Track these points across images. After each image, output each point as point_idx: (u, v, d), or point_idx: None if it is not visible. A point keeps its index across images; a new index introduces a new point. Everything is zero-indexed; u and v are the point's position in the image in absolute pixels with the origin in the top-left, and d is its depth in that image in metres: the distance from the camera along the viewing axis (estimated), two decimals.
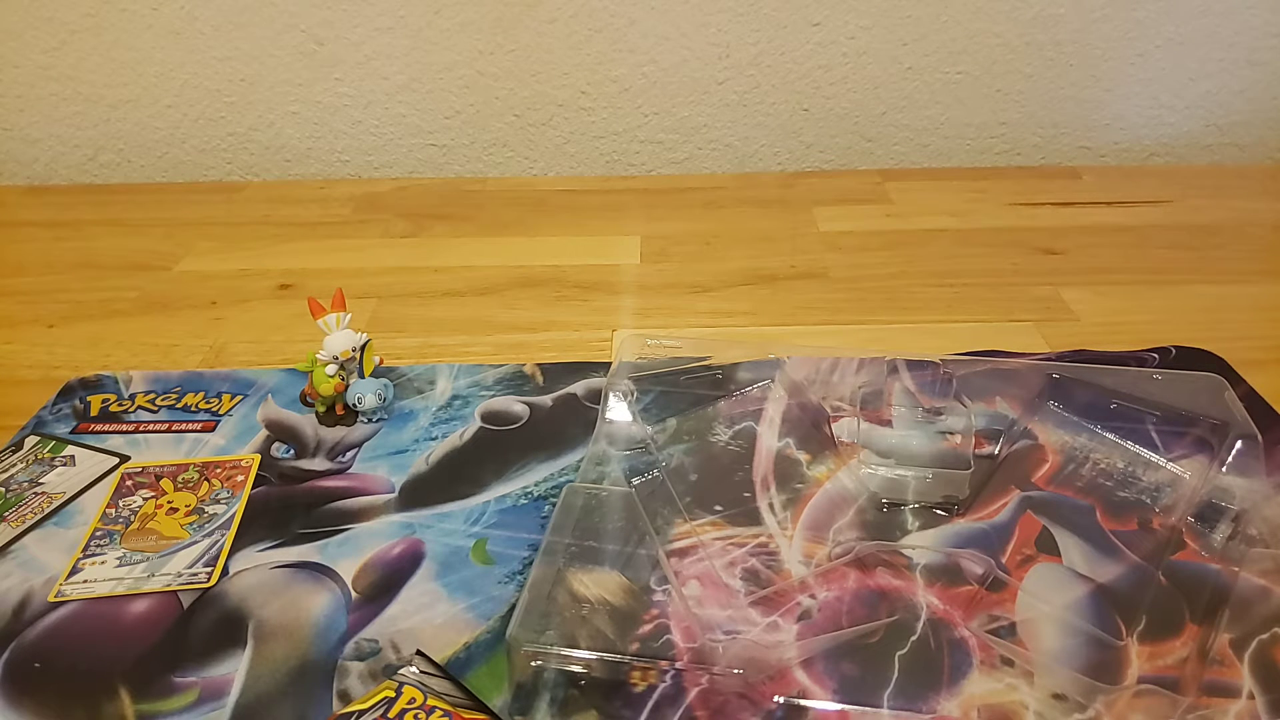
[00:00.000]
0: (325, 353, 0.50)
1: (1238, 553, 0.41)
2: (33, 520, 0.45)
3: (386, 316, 0.62)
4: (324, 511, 0.45)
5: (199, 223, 0.76)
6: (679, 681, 0.35)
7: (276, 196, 0.81)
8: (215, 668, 0.37)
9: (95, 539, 0.43)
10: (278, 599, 0.40)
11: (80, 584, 0.41)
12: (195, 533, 0.44)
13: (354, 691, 0.36)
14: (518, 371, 0.55)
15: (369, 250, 0.71)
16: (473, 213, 0.78)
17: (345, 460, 0.48)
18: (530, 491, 0.46)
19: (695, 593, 0.39)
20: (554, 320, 0.61)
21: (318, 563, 0.42)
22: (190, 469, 0.48)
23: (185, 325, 0.61)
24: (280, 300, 0.64)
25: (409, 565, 0.41)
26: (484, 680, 0.36)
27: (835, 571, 0.40)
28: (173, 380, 0.55)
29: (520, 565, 0.41)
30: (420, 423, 0.51)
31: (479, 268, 0.68)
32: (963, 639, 0.37)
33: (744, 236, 0.72)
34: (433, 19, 0.80)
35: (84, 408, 0.52)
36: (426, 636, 0.38)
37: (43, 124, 0.84)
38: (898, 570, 0.40)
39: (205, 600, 0.40)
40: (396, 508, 0.45)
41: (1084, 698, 0.34)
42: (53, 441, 0.50)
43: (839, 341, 0.58)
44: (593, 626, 0.37)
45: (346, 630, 0.38)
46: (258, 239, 0.73)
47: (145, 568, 0.42)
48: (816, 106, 0.84)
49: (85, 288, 0.66)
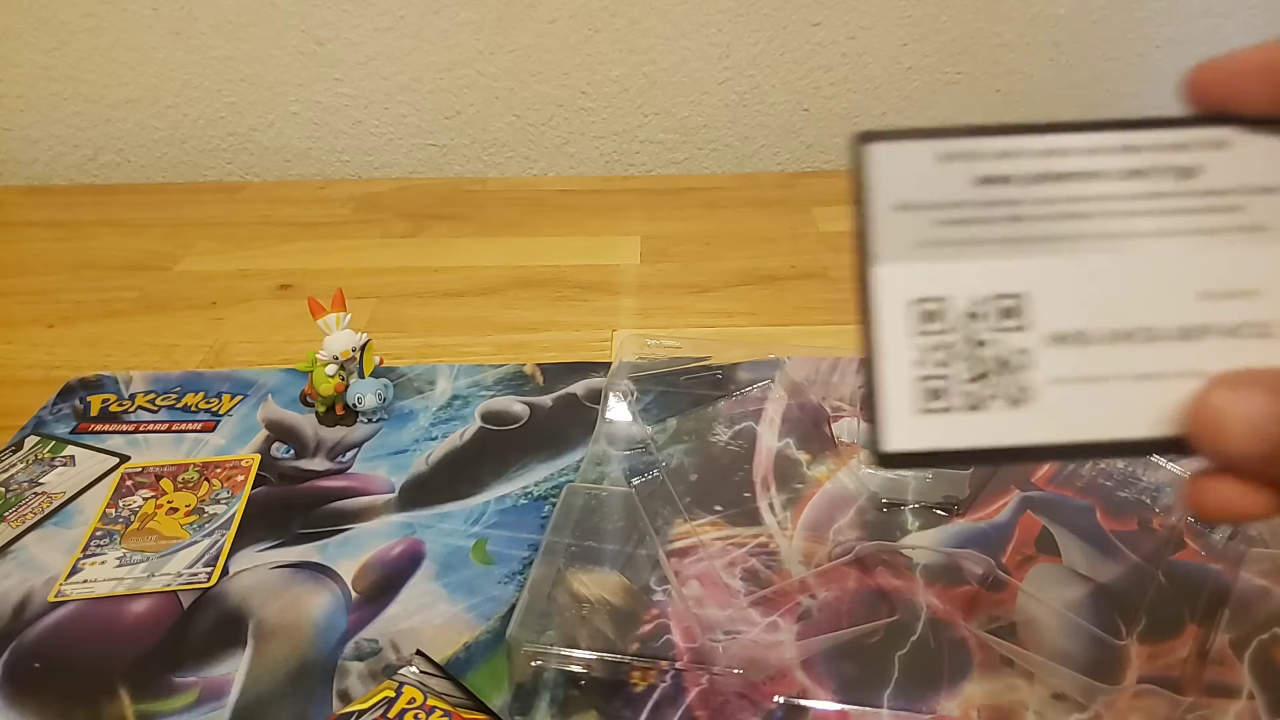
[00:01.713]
0: (325, 353, 0.50)
1: (1238, 552, 0.41)
2: (33, 520, 0.45)
3: (386, 316, 0.62)
4: (324, 511, 0.45)
5: (199, 223, 0.76)
6: (679, 681, 0.35)
7: (277, 197, 0.81)
8: (215, 668, 0.37)
9: (95, 539, 0.43)
10: (278, 599, 0.40)
11: (80, 584, 0.41)
12: (195, 533, 0.44)
13: (354, 691, 0.36)
14: (518, 371, 0.55)
15: (369, 250, 0.71)
16: (473, 213, 0.78)
17: (345, 460, 0.48)
18: (530, 491, 0.46)
19: (695, 593, 0.39)
20: (554, 320, 0.61)
21: (318, 563, 0.42)
22: (190, 469, 0.48)
23: (185, 325, 0.61)
24: (280, 300, 0.64)
25: (409, 565, 0.41)
26: (484, 680, 0.36)
27: (835, 571, 0.40)
28: (173, 380, 0.55)
29: (520, 565, 0.41)
30: (420, 423, 0.51)
31: (479, 268, 0.68)
32: (963, 639, 0.37)
33: (744, 236, 0.72)
34: (433, 19, 0.80)
35: (84, 408, 0.52)
36: (426, 636, 0.38)
37: (43, 124, 0.84)
38: (898, 570, 0.40)
39: (205, 600, 0.40)
40: (396, 508, 0.45)
41: (1084, 698, 0.34)
42: (53, 441, 0.50)
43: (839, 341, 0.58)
44: (593, 626, 0.37)
45: (346, 630, 0.38)
46: (258, 239, 0.73)
47: (145, 568, 0.42)
48: (817, 106, 0.84)
49: (85, 288, 0.66)
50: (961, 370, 0.21)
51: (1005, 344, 0.21)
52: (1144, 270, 0.21)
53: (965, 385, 0.21)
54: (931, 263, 0.21)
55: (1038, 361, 0.21)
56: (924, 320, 0.21)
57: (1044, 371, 0.21)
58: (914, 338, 0.21)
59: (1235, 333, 0.21)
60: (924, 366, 0.21)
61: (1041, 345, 0.21)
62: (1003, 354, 0.21)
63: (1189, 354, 0.21)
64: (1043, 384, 0.21)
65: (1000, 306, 0.21)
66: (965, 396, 0.21)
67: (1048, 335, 0.21)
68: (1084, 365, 0.21)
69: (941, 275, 0.21)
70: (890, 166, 0.22)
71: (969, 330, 0.21)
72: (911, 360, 0.21)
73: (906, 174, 0.22)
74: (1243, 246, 0.21)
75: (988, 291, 0.21)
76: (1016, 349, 0.21)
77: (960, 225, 0.21)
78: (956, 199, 0.21)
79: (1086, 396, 0.21)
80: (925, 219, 0.21)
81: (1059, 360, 0.21)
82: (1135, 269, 0.21)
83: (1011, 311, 0.21)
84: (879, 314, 0.21)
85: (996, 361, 0.21)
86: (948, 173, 0.21)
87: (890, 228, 0.21)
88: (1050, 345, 0.21)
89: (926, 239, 0.21)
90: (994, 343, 0.21)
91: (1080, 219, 0.21)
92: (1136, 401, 0.21)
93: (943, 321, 0.21)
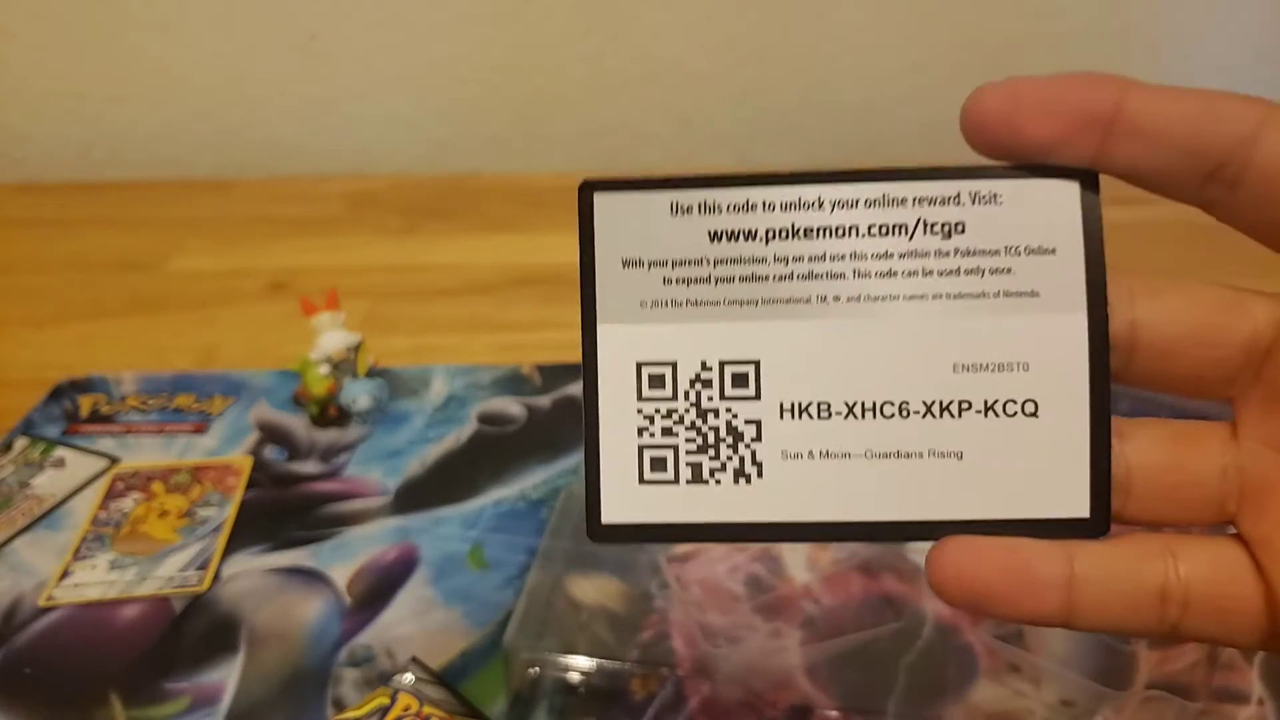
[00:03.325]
0: (318, 353, 0.49)
1: None
2: (23, 523, 0.44)
3: (381, 316, 0.61)
4: (317, 515, 0.44)
5: (190, 221, 0.75)
6: (680, 689, 0.35)
7: (269, 193, 0.81)
8: (207, 674, 0.37)
9: (86, 542, 0.43)
10: (270, 604, 0.39)
11: (71, 588, 0.40)
12: (187, 536, 0.43)
13: (348, 699, 0.35)
14: (515, 372, 0.54)
15: (363, 248, 0.71)
16: (469, 210, 0.77)
17: (339, 463, 0.48)
18: (528, 495, 0.45)
19: (697, 599, 0.39)
20: (552, 320, 0.60)
21: (311, 567, 0.41)
22: (182, 471, 0.47)
23: (176, 326, 0.61)
24: (272, 300, 0.63)
25: (404, 570, 0.41)
26: (480, 688, 0.35)
27: (839, 577, 0.40)
28: (164, 381, 0.54)
29: (518, 570, 0.41)
30: (415, 425, 0.50)
31: (475, 266, 0.67)
32: (969, 645, 0.37)
33: None
34: (427, 13, 0.79)
35: (74, 409, 0.52)
36: (422, 643, 0.37)
37: (33, 121, 0.83)
38: (903, 575, 0.40)
39: (197, 605, 0.39)
40: (391, 511, 0.44)
41: (1092, 704, 0.34)
42: (43, 443, 0.49)
43: None
44: (592, 633, 0.37)
45: (340, 636, 0.38)
46: (250, 237, 0.72)
47: (136, 572, 0.41)
48: (821, 101, 0.83)
49: (75, 287, 0.66)
50: (687, 440, 0.20)
51: (735, 413, 0.20)
52: (895, 338, 0.20)
53: (690, 457, 0.20)
54: (659, 324, 0.20)
55: (769, 434, 0.20)
56: (650, 385, 0.20)
57: (775, 445, 0.20)
58: (638, 403, 0.20)
59: (998, 410, 0.19)
60: (647, 435, 0.20)
61: (774, 416, 0.20)
62: (732, 424, 0.20)
63: (940, 432, 0.20)
64: (772, 458, 0.20)
65: (732, 373, 0.20)
66: (689, 468, 0.20)
67: (781, 406, 0.20)
68: (820, 440, 0.20)
69: (669, 338, 0.20)
70: (617, 218, 0.20)
71: (696, 397, 0.20)
72: (635, 427, 0.20)
73: (634, 227, 0.20)
74: (1009, 314, 0.19)
75: (719, 357, 0.20)
76: (746, 419, 0.20)
77: (692, 285, 0.20)
78: (689, 256, 0.20)
79: (820, 473, 0.20)
80: (654, 277, 0.20)
81: (792, 433, 0.20)
82: (886, 336, 0.20)
83: (743, 379, 0.20)
84: (601, 377, 0.20)
85: (725, 431, 0.20)
86: (681, 227, 0.20)
87: (616, 285, 0.20)
88: (784, 417, 0.20)
89: (655, 298, 0.20)
90: (723, 412, 0.20)
91: (827, 280, 0.20)
92: (875, 482, 0.20)
93: (669, 387, 0.20)
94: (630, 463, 0.20)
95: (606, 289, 0.21)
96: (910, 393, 0.20)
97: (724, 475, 0.20)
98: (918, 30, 0.80)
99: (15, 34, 0.79)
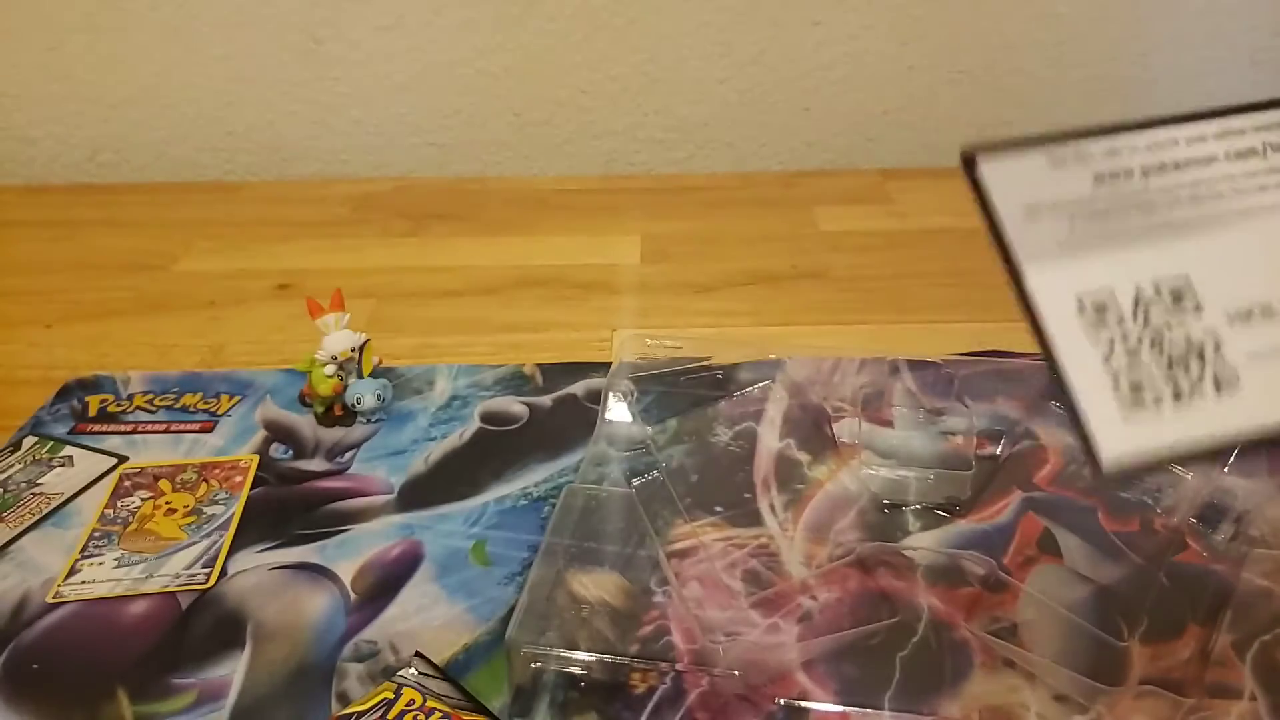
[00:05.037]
0: (324, 353, 0.49)
1: (1240, 554, 0.40)
2: (31, 521, 0.45)
3: (385, 316, 0.62)
4: (322, 512, 0.45)
5: (197, 222, 0.76)
6: (679, 683, 0.35)
7: (275, 196, 0.81)
8: (214, 669, 0.37)
9: (93, 540, 0.43)
10: (276, 600, 0.40)
11: (78, 585, 0.41)
12: (193, 534, 0.43)
13: (353, 693, 0.36)
14: (517, 372, 0.54)
15: (368, 250, 0.71)
16: (472, 212, 0.78)
17: (344, 461, 0.48)
18: (530, 492, 0.46)
19: (696, 594, 0.39)
20: (554, 320, 0.60)
21: (316, 564, 0.42)
22: (188, 470, 0.47)
23: (183, 325, 0.61)
24: (279, 300, 0.64)
25: (408, 566, 0.41)
26: (483, 682, 0.36)
27: (836, 573, 0.40)
28: (171, 381, 0.54)
29: (520, 566, 0.41)
30: (419, 423, 0.50)
31: (478, 267, 0.68)
32: (964, 640, 0.37)
33: (744, 236, 0.72)
34: (432, 18, 0.79)
35: (82, 408, 0.52)
36: (426, 638, 0.38)
37: (40, 123, 0.84)
38: (899, 571, 0.40)
39: (204, 601, 0.40)
40: (395, 509, 0.45)
41: (1086, 699, 0.34)
42: (51, 442, 0.50)
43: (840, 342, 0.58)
44: (593, 628, 0.37)
45: (345, 632, 0.38)
46: (256, 239, 0.73)
47: (143, 569, 0.42)
48: (817, 105, 0.84)
49: (83, 288, 0.66)
50: (1154, 360, 0.20)
51: (1188, 327, 0.20)
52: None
53: (1164, 375, 0.20)
54: (1081, 257, 0.21)
55: (1227, 342, 0.20)
56: (1096, 312, 0.20)
57: (1238, 351, 0.20)
58: (1093, 332, 0.20)
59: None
60: (1115, 362, 0.20)
61: (1224, 325, 0.20)
62: (1191, 336, 0.20)
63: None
64: (1242, 363, 0.20)
65: (1169, 290, 0.21)
66: (1169, 387, 0.20)
67: (1227, 313, 0.20)
68: (1276, 337, 0.20)
69: (1096, 267, 0.21)
70: (1006, 176, 0.21)
71: (1145, 317, 0.20)
72: (1100, 355, 0.20)
73: (1024, 182, 0.21)
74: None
75: (1150, 277, 0.21)
76: (1202, 329, 0.20)
77: (1096, 219, 0.21)
78: (1082, 197, 0.21)
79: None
80: (1060, 220, 0.21)
81: (1248, 337, 0.20)
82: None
83: (1181, 294, 0.20)
84: (1045, 315, 0.20)
85: (1186, 346, 0.20)
86: (1065, 176, 0.21)
87: (1026, 231, 0.21)
88: (1233, 325, 0.20)
89: (1067, 237, 0.21)
90: (1176, 325, 0.20)
91: (1212, 200, 0.21)
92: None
93: (1115, 311, 0.20)
94: (1108, 393, 0.20)
95: (1018, 235, 0.21)
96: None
97: (1204, 386, 0.20)
98: (911, 36, 0.80)
99: (22, 37, 0.80)
